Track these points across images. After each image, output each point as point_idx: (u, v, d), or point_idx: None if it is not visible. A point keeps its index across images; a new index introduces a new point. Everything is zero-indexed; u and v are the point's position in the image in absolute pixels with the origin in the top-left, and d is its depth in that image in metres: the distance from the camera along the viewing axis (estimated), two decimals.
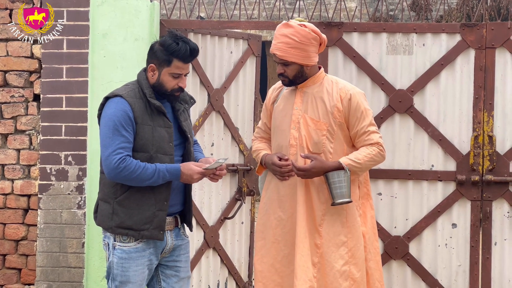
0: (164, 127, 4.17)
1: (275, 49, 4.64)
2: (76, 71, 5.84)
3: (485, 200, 5.74)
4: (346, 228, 4.64)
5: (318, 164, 4.57)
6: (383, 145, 4.68)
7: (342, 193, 4.55)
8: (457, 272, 5.78)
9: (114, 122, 4.06)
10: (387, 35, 5.84)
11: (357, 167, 4.59)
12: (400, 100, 5.80)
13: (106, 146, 4.07)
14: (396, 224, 5.81)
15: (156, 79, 4.17)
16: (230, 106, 6.41)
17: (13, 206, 5.96)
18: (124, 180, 4.06)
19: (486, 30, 5.73)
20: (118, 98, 4.12)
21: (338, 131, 4.66)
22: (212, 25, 6.05)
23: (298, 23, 4.63)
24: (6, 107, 5.97)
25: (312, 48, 4.63)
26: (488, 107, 5.73)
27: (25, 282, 5.97)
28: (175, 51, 4.10)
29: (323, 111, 4.66)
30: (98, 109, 4.22)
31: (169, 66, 4.14)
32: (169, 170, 4.09)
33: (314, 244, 4.63)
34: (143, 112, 4.13)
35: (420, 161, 5.80)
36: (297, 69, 4.65)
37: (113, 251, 4.17)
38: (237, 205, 6.41)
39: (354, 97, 4.65)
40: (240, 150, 6.47)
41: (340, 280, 4.59)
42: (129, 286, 4.16)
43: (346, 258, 4.61)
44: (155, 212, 4.14)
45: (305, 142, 4.66)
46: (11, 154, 5.96)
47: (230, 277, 6.47)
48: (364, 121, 4.65)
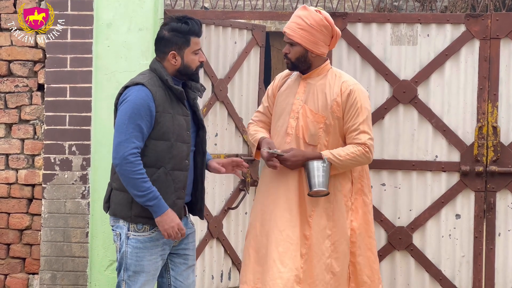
0: (182, 115, 4.20)
1: (286, 28, 4.68)
2: (80, 61, 5.84)
3: (489, 191, 5.73)
4: (331, 222, 4.65)
5: (298, 153, 4.58)
6: (371, 147, 4.65)
7: (319, 183, 4.53)
8: (460, 263, 5.78)
9: (132, 109, 4.07)
10: (391, 25, 5.83)
11: (337, 163, 4.58)
12: (404, 90, 5.79)
13: (120, 132, 4.07)
14: (400, 215, 5.81)
15: (180, 63, 4.21)
16: (234, 96, 6.41)
17: (17, 196, 5.97)
18: (123, 174, 4.05)
19: (491, 20, 5.71)
20: (140, 86, 4.13)
21: (335, 125, 4.66)
22: (216, 15, 6.04)
23: (314, 8, 4.69)
24: (10, 97, 5.97)
25: (321, 36, 4.64)
26: (493, 98, 5.72)
27: (29, 272, 5.98)
28: (190, 30, 4.19)
29: (323, 104, 4.66)
30: (116, 98, 4.22)
31: (189, 46, 4.20)
32: (158, 203, 4.07)
33: (304, 235, 4.65)
34: (164, 100, 4.14)
35: (424, 152, 5.79)
36: (301, 52, 4.65)
37: (126, 240, 4.16)
38: (241, 195, 6.42)
39: (353, 92, 4.64)
40: (244, 141, 6.48)
41: (325, 273, 4.62)
42: (142, 276, 4.16)
43: (329, 252, 4.63)
44: (174, 201, 4.16)
45: (301, 132, 4.67)
46: (15, 144, 5.97)
47: (234, 267, 6.48)
48: (357, 118, 4.63)
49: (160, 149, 4.12)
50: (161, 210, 4.08)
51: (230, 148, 6.36)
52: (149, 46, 5.69)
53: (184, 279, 4.33)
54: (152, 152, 4.13)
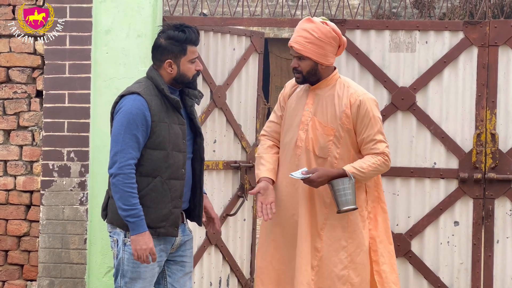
0: (178, 124, 4.19)
1: (293, 42, 4.59)
2: (78, 67, 5.84)
3: (487, 198, 5.73)
4: (347, 233, 4.62)
5: (323, 173, 4.54)
6: (389, 155, 4.62)
7: (347, 200, 4.51)
8: (459, 270, 5.77)
9: (128, 119, 4.06)
10: (390, 32, 5.83)
11: (361, 176, 4.55)
12: (403, 97, 5.79)
13: (116, 142, 4.07)
14: (398, 222, 5.81)
15: (176, 72, 4.19)
16: (233, 103, 6.41)
17: (15, 202, 5.96)
18: (114, 184, 4.05)
19: (489, 27, 5.72)
20: (135, 95, 4.11)
21: (345, 137, 4.61)
22: (215, 22, 6.04)
23: (320, 20, 4.61)
24: (9, 103, 5.97)
25: (330, 48, 4.58)
26: (491, 105, 5.73)
27: (27, 278, 5.97)
28: (187, 39, 4.16)
29: (332, 115, 4.61)
30: (112, 107, 4.21)
31: (186, 54, 4.17)
32: (139, 222, 4.05)
33: (314, 247, 4.63)
34: (160, 109, 4.13)
35: (422, 159, 5.79)
36: (311, 65, 4.59)
37: (123, 247, 4.16)
38: (239, 202, 6.41)
39: (363, 103, 4.58)
40: (243, 147, 6.48)
41: (338, 284, 4.59)
42: (139, 283, 4.16)
43: (346, 263, 4.60)
44: (171, 210, 4.15)
45: (311, 145, 4.63)
46: (13, 150, 5.97)
47: (232, 274, 6.47)
48: (372, 128, 4.58)
49: (156, 158, 4.12)
50: (138, 230, 4.06)
51: (228, 155, 6.36)
52: (147, 53, 5.68)
53: (181, 286, 4.33)
54: (148, 162, 4.12)
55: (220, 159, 6.29)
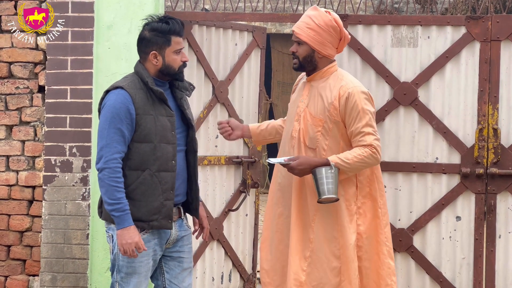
0: (166, 116, 4.19)
1: (295, 26, 4.70)
2: (80, 62, 5.85)
3: (489, 193, 5.73)
4: (338, 226, 4.63)
5: (304, 161, 4.55)
6: (378, 148, 4.58)
7: (328, 189, 4.47)
8: (461, 264, 5.78)
9: (112, 114, 4.09)
10: (392, 27, 5.83)
11: (345, 167, 4.52)
12: (405, 92, 5.79)
13: (101, 137, 4.11)
14: (400, 217, 5.81)
15: (161, 63, 4.21)
16: (235, 98, 6.41)
17: (17, 198, 5.97)
18: (101, 178, 4.08)
19: (491, 22, 5.72)
20: (119, 89, 4.15)
21: (334, 129, 4.62)
22: (217, 17, 6.04)
23: (325, 10, 4.70)
24: (11, 99, 5.97)
25: (329, 37, 4.63)
26: (493, 100, 5.72)
27: (30, 273, 5.98)
28: (170, 29, 4.19)
29: (321, 107, 4.64)
30: (99, 103, 4.25)
31: (170, 45, 4.21)
32: (123, 216, 4.06)
33: (308, 238, 4.64)
34: (145, 102, 4.15)
35: (424, 154, 5.79)
36: (308, 51, 4.64)
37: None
38: (242, 197, 6.42)
39: (352, 96, 4.57)
40: (245, 142, 6.48)
41: (330, 276, 4.60)
42: (134, 277, 4.18)
43: (338, 255, 4.61)
44: (163, 202, 4.16)
45: (302, 136, 4.67)
46: (16, 146, 5.97)
47: (234, 269, 6.48)
48: (360, 121, 4.56)
49: (143, 151, 4.13)
50: (123, 224, 4.08)
51: (230, 150, 6.37)
52: None
53: (179, 282, 4.33)
54: (136, 155, 4.14)
55: (222, 154, 6.29)
